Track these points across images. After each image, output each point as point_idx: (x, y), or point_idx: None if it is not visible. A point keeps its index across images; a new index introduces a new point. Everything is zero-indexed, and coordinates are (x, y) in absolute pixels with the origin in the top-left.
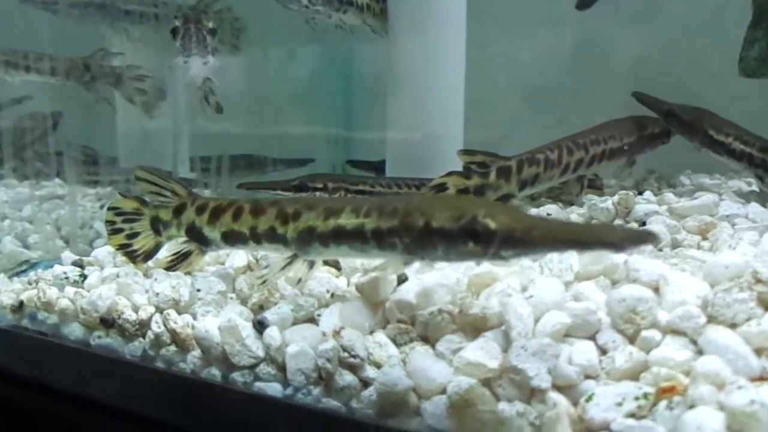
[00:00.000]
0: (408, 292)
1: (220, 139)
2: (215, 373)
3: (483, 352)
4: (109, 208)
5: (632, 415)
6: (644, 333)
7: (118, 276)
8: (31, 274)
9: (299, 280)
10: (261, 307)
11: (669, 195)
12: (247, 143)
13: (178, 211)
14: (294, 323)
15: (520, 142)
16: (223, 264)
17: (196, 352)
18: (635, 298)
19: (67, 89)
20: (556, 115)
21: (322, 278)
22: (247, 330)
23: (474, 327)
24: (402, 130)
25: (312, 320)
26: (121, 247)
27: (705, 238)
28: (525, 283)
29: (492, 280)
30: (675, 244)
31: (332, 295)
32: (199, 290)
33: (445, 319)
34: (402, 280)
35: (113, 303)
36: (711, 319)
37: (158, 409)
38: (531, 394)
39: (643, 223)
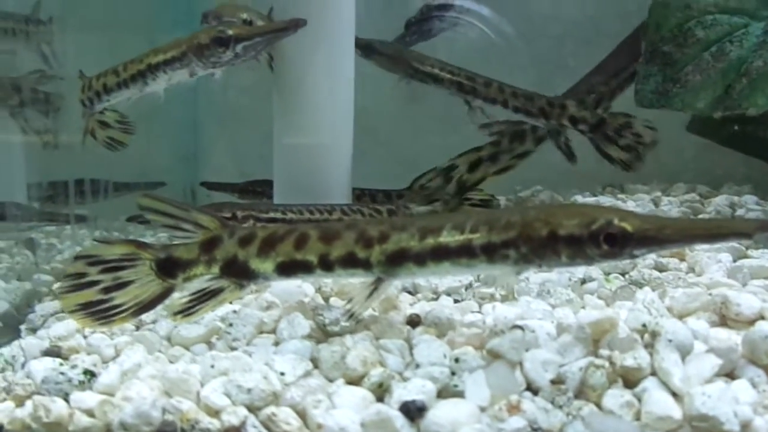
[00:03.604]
0: (545, 347)
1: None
2: None
3: (662, 404)
4: (77, 258)
5: None
6: None
7: (140, 366)
8: None
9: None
10: (381, 386)
11: None
12: (81, 165)
13: (208, 245)
14: None
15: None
16: (271, 334)
17: None
18: None
19: None
20: None
21: (432, 342)
22: (399, 419)
23: (626, 378)
24: (294, 154)
25: (445, 392)
26: (87, 306)
27: (683, 260)
28: (636, 327)
29: (611, 326)
30: (661, 268)
31: (456, 360)
32: (283, 374)
33: (601, 373)
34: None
35: (171, 408)
36: None
37: None
38: None
39: None
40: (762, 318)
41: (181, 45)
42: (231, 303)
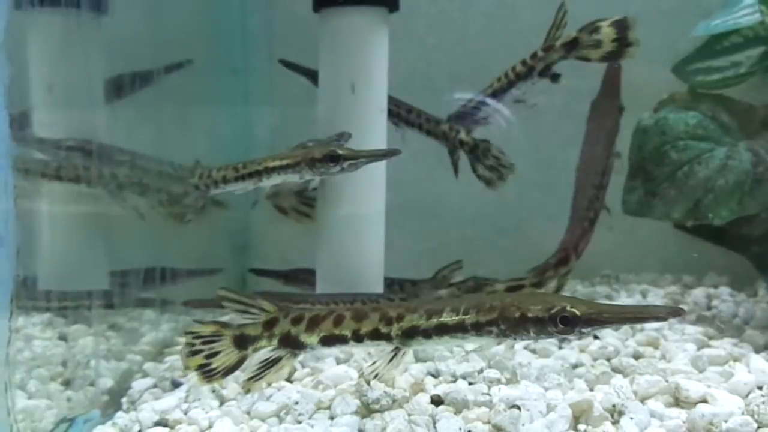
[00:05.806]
0: (537, 422)
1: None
2: None
3: None
4: (187, 333)
5: None
6: None
7: None
8: None
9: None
10: None
11: None
12: (151, 254)
13: (269, 324)
14: None
15: None
16: (326, 410)
17: None
18: (712, 413)
19: None
20: None
21: (451, 418)
22: None
23: None
24: (334, 232)
25: None
26: (200, 367)
27: (657, 348)
28: (607, 407)
29: (588, 406)
30: (638, 356)
31: None
32: None
33: None
34: None
35: None
36: (759, 424)
37: None
38: None
39: (596, 337)
40: (704, 401)
41: (297, 156)
42: (291, 382)
